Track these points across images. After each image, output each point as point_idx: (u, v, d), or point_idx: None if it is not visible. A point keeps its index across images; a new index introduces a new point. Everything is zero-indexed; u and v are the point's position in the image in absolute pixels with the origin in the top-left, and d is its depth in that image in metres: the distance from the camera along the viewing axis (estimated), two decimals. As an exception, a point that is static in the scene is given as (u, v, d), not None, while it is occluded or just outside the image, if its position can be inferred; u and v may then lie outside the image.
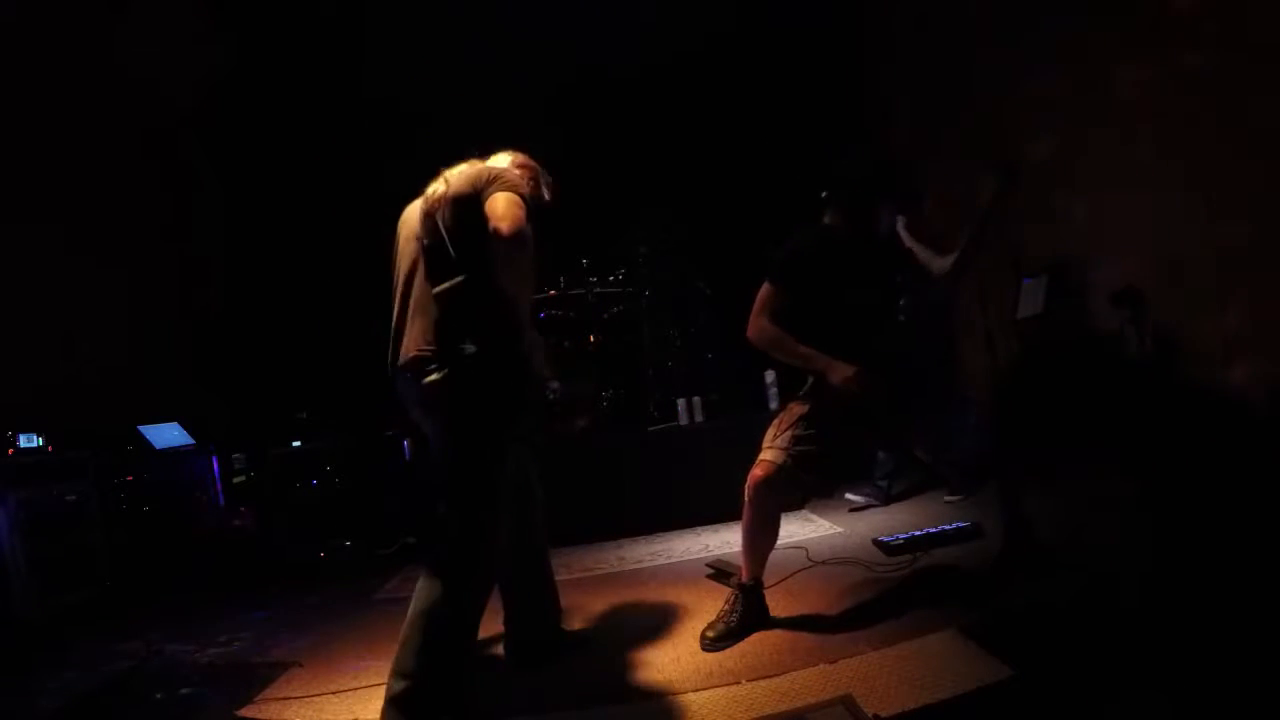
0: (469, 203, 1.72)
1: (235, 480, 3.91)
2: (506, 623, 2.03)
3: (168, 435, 3.66)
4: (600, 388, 4.22)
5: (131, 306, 3.96)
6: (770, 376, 3.83)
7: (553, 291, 4.39)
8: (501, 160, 1.97)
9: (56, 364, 3.43)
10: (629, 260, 4.51)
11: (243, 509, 3.74)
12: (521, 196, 1.70)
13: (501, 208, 1.65)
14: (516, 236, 1.62)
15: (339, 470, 3.96)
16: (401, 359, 1.75)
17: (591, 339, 4.34)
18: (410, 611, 1.62)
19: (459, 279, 1.70)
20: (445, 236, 1.73)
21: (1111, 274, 3.07)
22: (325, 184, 4.79)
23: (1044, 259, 3.44)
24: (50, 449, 2.97)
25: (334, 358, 4.54)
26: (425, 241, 1.76)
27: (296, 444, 3.95)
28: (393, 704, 1.56)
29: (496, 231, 1.62)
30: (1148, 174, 2.89)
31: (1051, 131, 3.38)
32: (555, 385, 4.12)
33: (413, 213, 1.86)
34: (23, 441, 2.89)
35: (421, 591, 1.63)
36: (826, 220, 2.18)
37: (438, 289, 1.71)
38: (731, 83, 5.10)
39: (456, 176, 1.80)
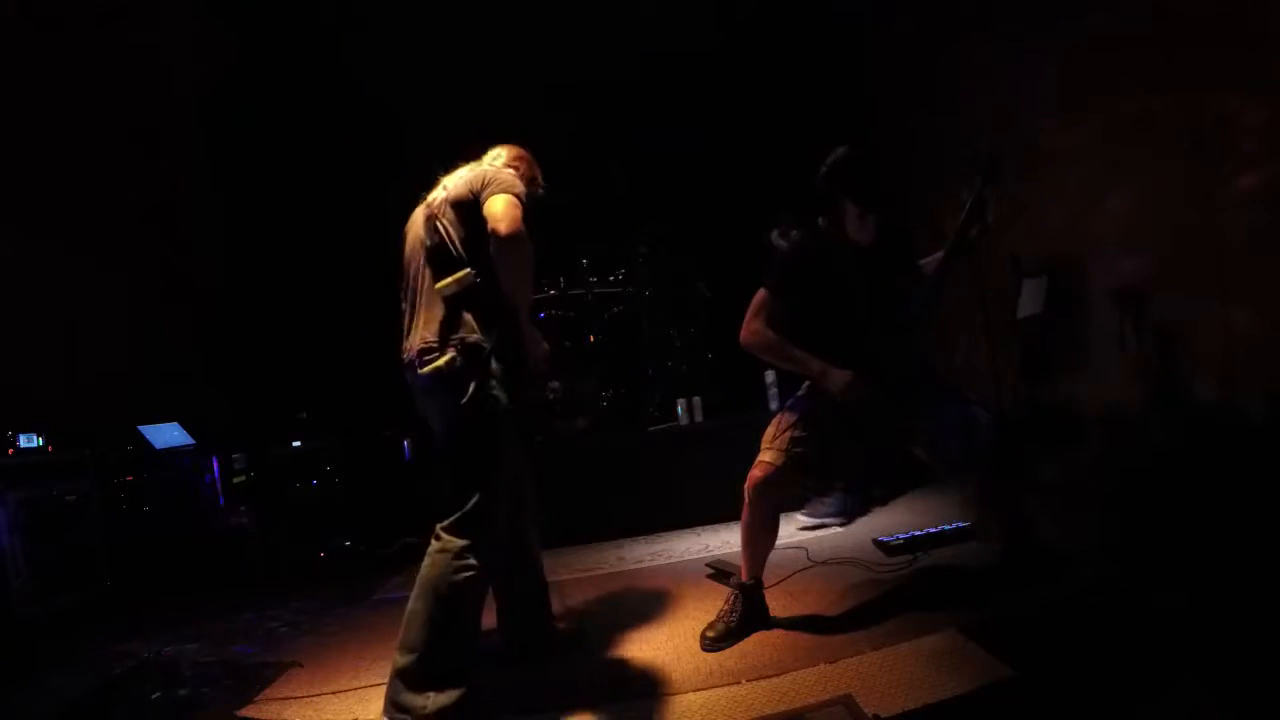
0: (467, 206, 1.82)
1: (235, 480, 3.90)
2: (500, 620, 2.05)
3: (168, 435, 3.65)
4: (600, 388, 4.21)
5: (131, 306, 3.95)
6: (770, 377, 3.83)
7: (553, 291, 4.39)
8: (497, 157, 2.05)
9: (57, 364, 3.43)
10: (629, 260, 4.51)
11: (243, 509, 3.74)
12: (518, 197, 1.79)
13: (500, 209, 1.74)
14: (514, 236, 1.72)
15: (339, 470, 3.96)
16: (408, 353, 1.84)
17: (591, 339, 4.34)
18: (416, 586, 1.69)
19: (462, 272, 1.79)
20: (446, 238, 1.83)
21: (1111, 274, 3.07)
22: (325, 185, 4.79)
23: (1044, 259, 3.44)
24: (50, 449, 2.97)
25: (334, 358, 4.54)
26: (428, 243, 1.85)
27: (296, 444, 3.95)
28: (399, 677, 1.62)
29: (495, 233, 1.72)
30: (1148, 174, 2.89)
31: (1052, 131, 3.38)
32: (555, 385, 4.13)
33: (417, 218, 1.94)
34: (23, 441, 2.88)
35: (427, 566, 1.70)
36: (822, 223, 2.17)
37: (440, 284, 1.79)
38: (732, 83, 5.10)
39: (455, 181, 1.90)
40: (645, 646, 2.05)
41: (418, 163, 2.01)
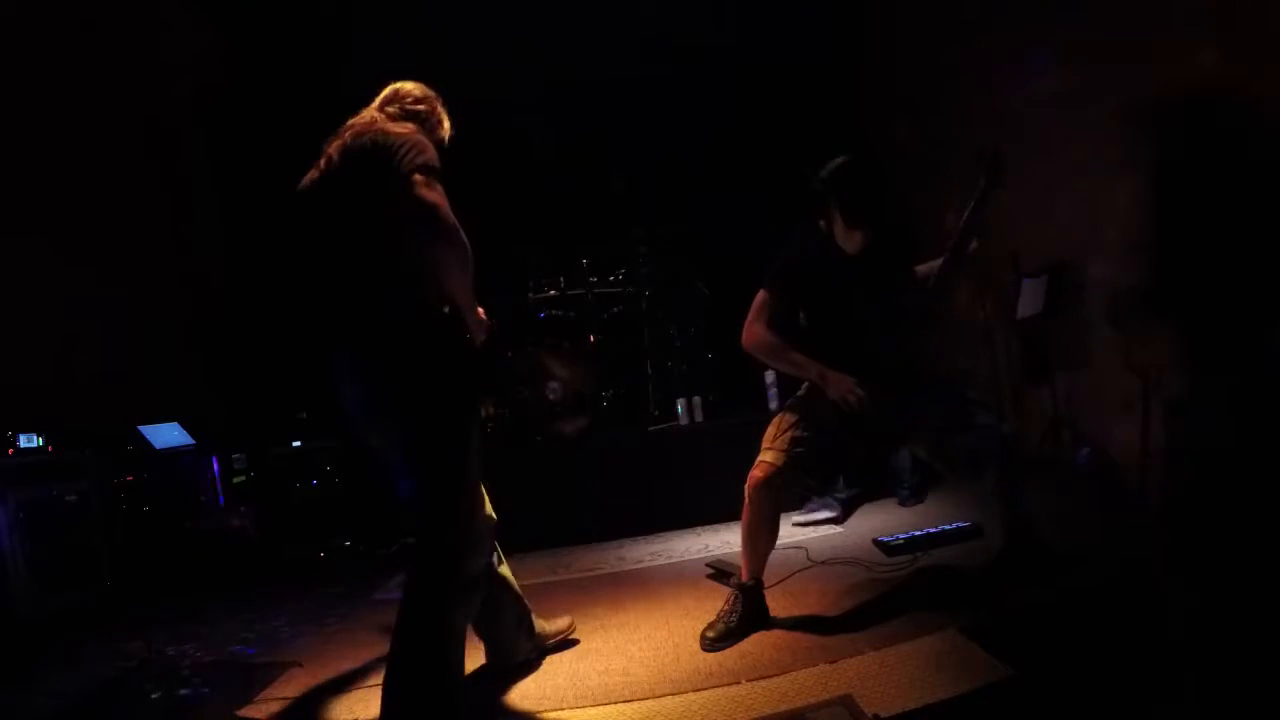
0: (357, 184, 1.53)
1: (235, 480, 3.90)
2: (488, 638, 1.96)
3: (168, 435, 3.65)
4: (600, 388, 4.21)
5: (131, 306, 3.95)
6: (770, 377, 3.82)
7: (553, 291, 4.39)
8: (391, 100, 1.76)
9: (57, 364, 3.43)
10: (629, 260, 4.51)
11: (243, 509, 3.74)
12: (434, 169, 1.49)
13: (426, 195, 1.43)
14: (447, 231, 1.44)
15: (339, 470, 3.96)
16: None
17: (591, 339, 4.34)
18: (396, 623, 1.53)
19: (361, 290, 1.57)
20: (340, 234, 1.59)
21: (1111, 274, 3.06)
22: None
23: (1044, 259, 3.43)
24: (50, 449, 2.97)
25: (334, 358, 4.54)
26: (324, 245, 1.63)
27: (296, 444, 3.95)
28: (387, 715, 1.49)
29: (425, 230, 1.45)
30: (1148, 174, 2.89)
31: (1052, 131, 3.37)
32: (555, 385, 4.13)
33: (308, 204, 1.67)
34: (23, 441, 2.88)
35: (404, 602, 1.54)
36: (822, 225, 2.17)
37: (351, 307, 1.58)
38: (732, 84, 5.10)
39: (338, 151, 1.59)
40: (645, 646, 2.04)
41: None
